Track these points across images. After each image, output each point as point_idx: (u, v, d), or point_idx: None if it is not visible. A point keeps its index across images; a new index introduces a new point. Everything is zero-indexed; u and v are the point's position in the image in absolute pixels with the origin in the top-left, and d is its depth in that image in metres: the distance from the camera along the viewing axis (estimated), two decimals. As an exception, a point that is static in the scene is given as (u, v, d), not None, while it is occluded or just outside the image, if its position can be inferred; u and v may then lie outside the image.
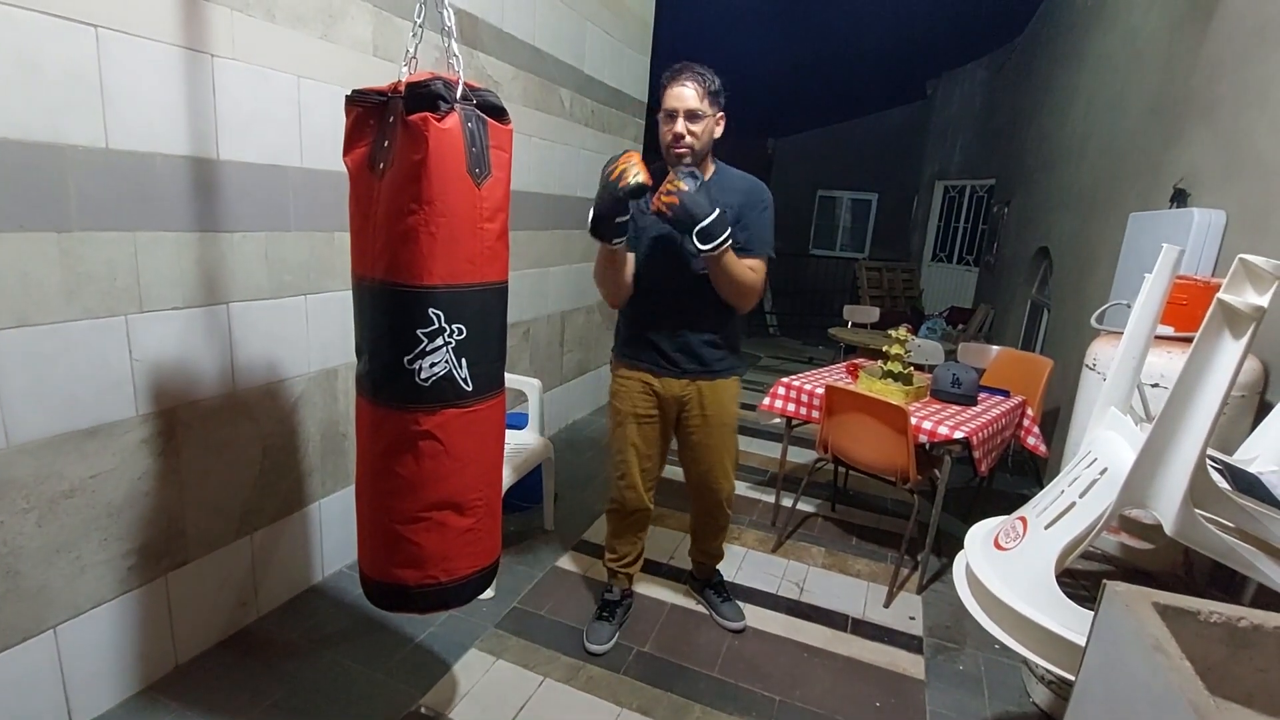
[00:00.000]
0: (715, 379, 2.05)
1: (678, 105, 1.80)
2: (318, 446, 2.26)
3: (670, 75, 1.84)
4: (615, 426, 2.11)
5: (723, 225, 1.73)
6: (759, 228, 1.92)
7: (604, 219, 1.74)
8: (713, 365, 2.03)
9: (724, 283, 1.86)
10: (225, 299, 1.88)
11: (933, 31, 6.65)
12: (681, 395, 2.04)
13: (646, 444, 2.09)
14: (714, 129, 1.87)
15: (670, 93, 1.82)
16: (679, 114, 1.80)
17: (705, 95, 1.81)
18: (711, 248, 1.73)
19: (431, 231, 1.24)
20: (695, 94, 1.80)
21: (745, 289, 1.89)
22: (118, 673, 1.76)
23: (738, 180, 1.96)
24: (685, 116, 1.80)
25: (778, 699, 1.99)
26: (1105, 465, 1.43)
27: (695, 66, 1.83)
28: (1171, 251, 1.51)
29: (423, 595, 1.45)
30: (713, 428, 2.07)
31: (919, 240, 9.08)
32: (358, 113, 1.32)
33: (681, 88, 1.80)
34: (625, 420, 2.08)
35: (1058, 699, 1.94)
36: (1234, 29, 2.48)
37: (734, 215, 1.86)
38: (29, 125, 1.40)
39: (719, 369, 2.05)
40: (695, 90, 1.80)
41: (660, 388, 2.04)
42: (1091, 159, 3.93)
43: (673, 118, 1.81)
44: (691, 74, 1.81)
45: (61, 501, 1.57)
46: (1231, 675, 0.90)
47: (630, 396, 2.06)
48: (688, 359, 2.01)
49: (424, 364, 1.30)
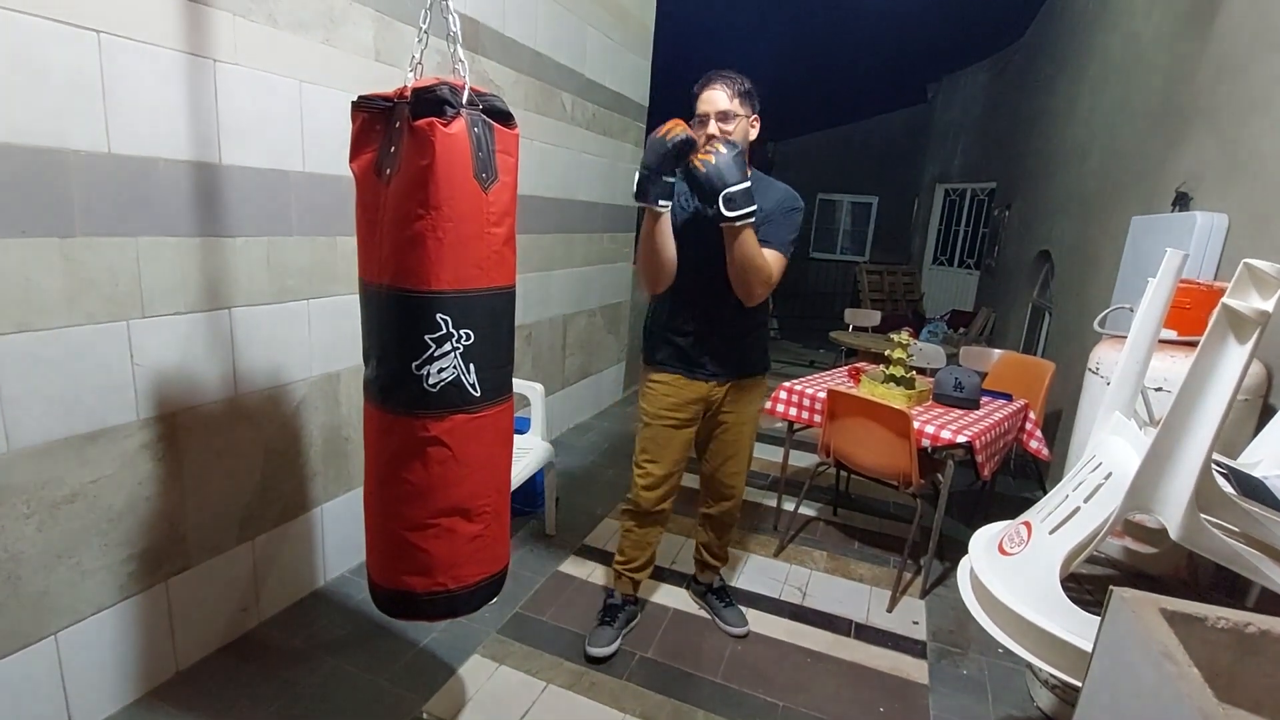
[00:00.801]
0: (745, 380, 2.08)
1: (708, 109, 1.82)
2: (319, 451, 2.26)
3: (699, 84, 1.85)
4: (643, 427, 2.11)
5: (748, 197, 1.73)
6: (783, 225, 1.92)
7: (652, 174, 1.72)
8: (744, 367, 2.06)
9: (738, 261, 1.82)
10: (227, 304, 1.87)
11: (934, 34, 6.67)
12: (711, 396, 2.05)
13: (672, 448, 2.09)
14: (749, 130, 1.87)
15: (700, 98, 1.83)
16: (710, 117, 1.81)
17: (735, 95, 1.82)
18: (734, 216, 1.71)
19: (439, 237, 1.23)
20: (725, 95, 1.81)
21: (757, 272, 1.85)
22: (118, 679, 1.75)
23: (774, 188, 1.97)
24: (717, 118, 1.81)
25: (781, 704, 1.98)
26: (1110, 470, 1.43)
27: (725, 71, 1.84)
28: (1175, 256, 1.51)
29: (431, 603, 1.44)
30: (738, 426, 2.11)
31: (920, 243, 9.09)
32: (364, 118, 1.32)
33: (710, 91, 1.82)
34: (653, 422, 2.08)
35: (1062, 704, 1.93)
36: (1236, 33, 2.48)
37: (765, 216, 1.87)
38: (32, 130, 1.40)
39: (751, 370, 2.08)
40: (725, 92, 1.81)
41: (692, 392, 2.04)
42: (1093, 162, 3.93)
43: (704, 122, 1.82)
44: (720, 78, 1.83)
45: (62, 506, 1.56)
46: (1239, 681, 0.89)
47: (659, 399, 2.06)
48: (720, 363, 2.02)
49: (432, 369, 1.29)
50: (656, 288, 1.96)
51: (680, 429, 2.07)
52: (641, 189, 1.75)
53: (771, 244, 1.88)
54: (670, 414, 2.05)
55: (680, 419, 2.06)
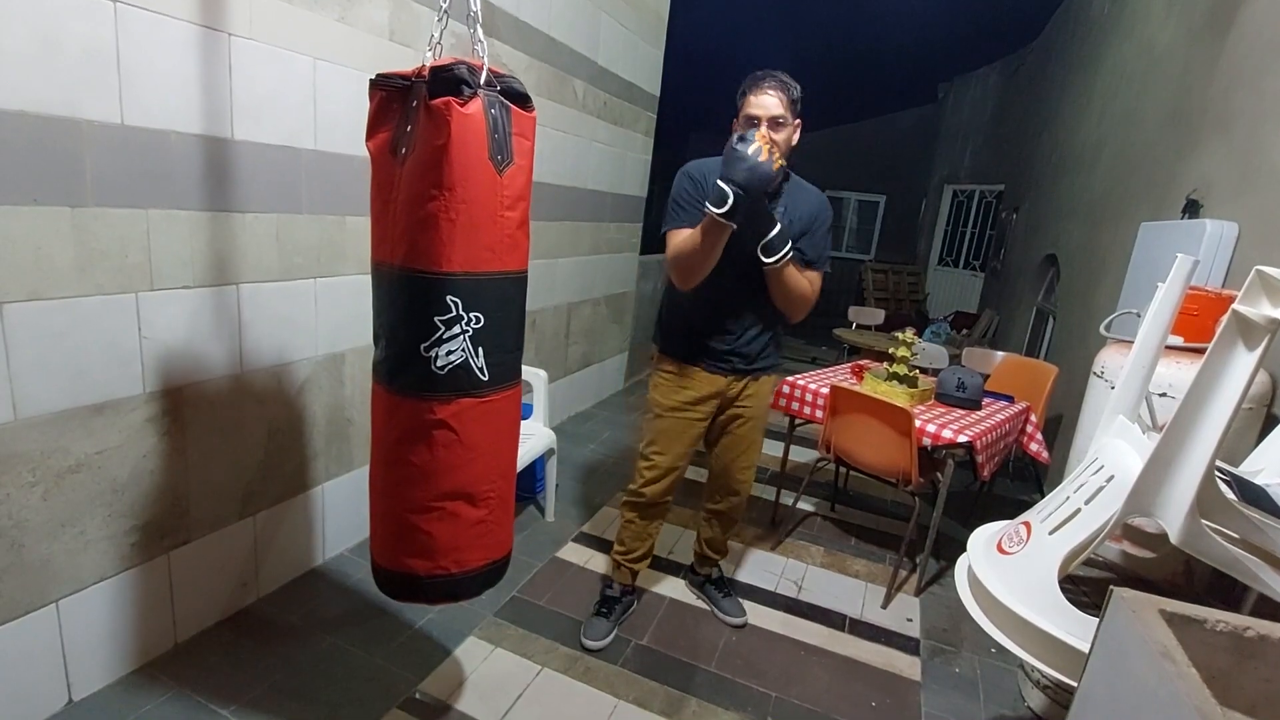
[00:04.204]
0: (760, 375, 2.07)
1: (761, 113, 1.75)
2: (322, 431, 2.27)
3: (752, 83, 1.79)
4: (653, 419, 2.09)
5: (784, 240, 1.75)
6: (821, 240, 1.94)
7: (750, 197, 1.64)
8: (761, 362, 2.05)
9: (779, 294, 1.88)
10: (235, 280, 1.87)
11: (946, 34, 6.63)
12: (727, 391, 2.04)
13: (681, 440, 2.07)
14: (793, 138, 1.83)
15: (753, 100, 1.77)
16: (762, 122, 1.75)
17: (789, 103, 1.77)
18: (773, 261, 1.75)
19: (451, 218, 1.23)
20: (779, 102, 1.75)
21: (800, 301, 1.90)
22: (117, 649, 1.77)
23: (810, 193, 1.96)
24: (769, 124, 1.76)
25: (774, 695, 2.00)
26: (1112, 473, 1.43)
27: (778, 74, 1.79)
28: (1186, 262, 1.51)
29: (433, 585, 1.44)
30: (752, 421, 2.11)
31: (926, 244, 9.07)
32: (381, 97, 1.31)
33: (765, 96, 1.75)
34: (664, 413, 2.05)
35: (1053, 704, 1.95)
36: (1252, 42, 2.47)
37: (803, 226, 1.88)
38: (47, 100, 1.40)
39: (766, 365, 2.07)
40: (780, 98, 1.76)
41: (710, 386, 2.02)
42: (1103, 168, 3.92)
43: (754, 126, 1.76)
44: (776, 81, 1.77)
45: (67, 476, 1.57)
46: (1236, 685, 0.90)
47: (671, 390, 2.04)
48: (740, 358, 2.01)
49: (440, 352, 1.29)
50: (690, 286, 1.90)
51: (694, 423, 2.06)
52: (733, 210, 1.65)
53: (814, 264, 1.91)
54: (685, 406, 2.04)
55: (695, 413, 2.05)
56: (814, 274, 1.92)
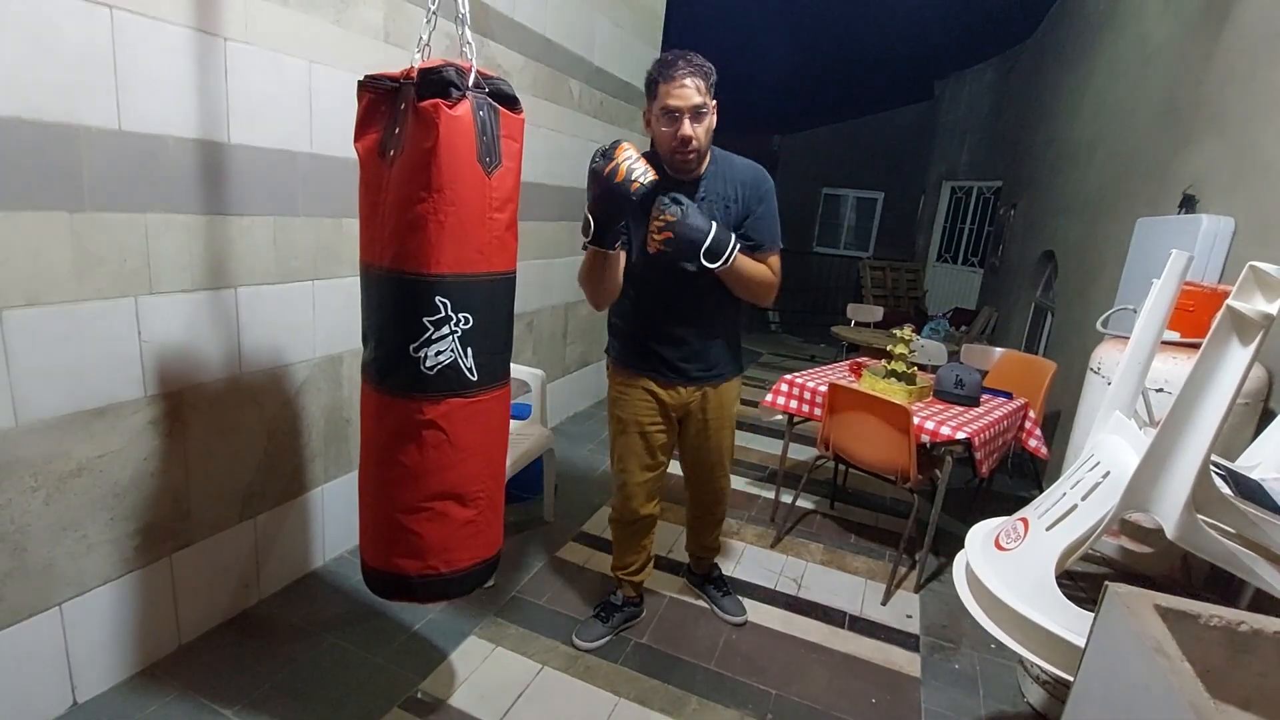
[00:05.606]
0: (721, 382, 2.00)
1: (681, 104, 1.65)
2: (321, 432, 2.27)
3: (664, 69, 1.65)
4: (618, 435, 2.02)
5: (725, 239, 1.66)
6: (767, 220, 1.83)
7: (609, 225, 1.61)
8: (719, 369, 1.98)
9: (741, 288, 1.80)
10: (233, 283, 1.88)
11: (942, 32, 6.63)
12: (688, 401, 1.98)
13: (651, 454, 2.01)
14: (713, 122, 1.73)
15: (670, 91, 1.64)
16: (684, 113, 1.65)
17: (707, 89, 1.67)
18: (721, 263, 1.66)
19: (440, 220, 1.24)
20: (697, 89, 1.65)
21: (763, 288, 1.82)
22: (121, 651, 1.77)
23: (740, 169, 1.83)
24: (690, 116, 1.66)
25: (774, 693, 2.00)
26: (1109, 469, 1.44)
27: (691, 57, 1.65)
28: (1181, 257, 1.51)
29: (423, 585, 1.45)
30: (716, 428, 2.04)
31: (924, 240, 9.06)
32: (369, 98, 1.32)
33: (682, 86, 1.63)
34: (628, 429, 1.99)
35: (1052, 699, 1.95)
36: (1247, 37, 2.47)
37: (741, 210, 1.80)
38: (43, 105, 1.40)
39: (725, 371, 2.00)
40: (697, 85, 1.64)
41: (667, 397, 1.95)
42: (1099, 163, 3.92)
43: (676, 119, 1.66)
44: (690, 68, 1.64)
45: (69, 480, 1.58)
46: (1230, 679, 0.91)
47: (633, 405, 1.97)
48: (696, 367, 1.93)
49: (429, 352, 1.30)
50: (604, 306, 1.86)
51: (658, 434, 2.00)
52: (600, 238, 1.62)
53: (766, 246, 1.81)
54: (646, 421, 1.97)
55: (657, 425, 1.99)
56: (769, 255, 1.81)
